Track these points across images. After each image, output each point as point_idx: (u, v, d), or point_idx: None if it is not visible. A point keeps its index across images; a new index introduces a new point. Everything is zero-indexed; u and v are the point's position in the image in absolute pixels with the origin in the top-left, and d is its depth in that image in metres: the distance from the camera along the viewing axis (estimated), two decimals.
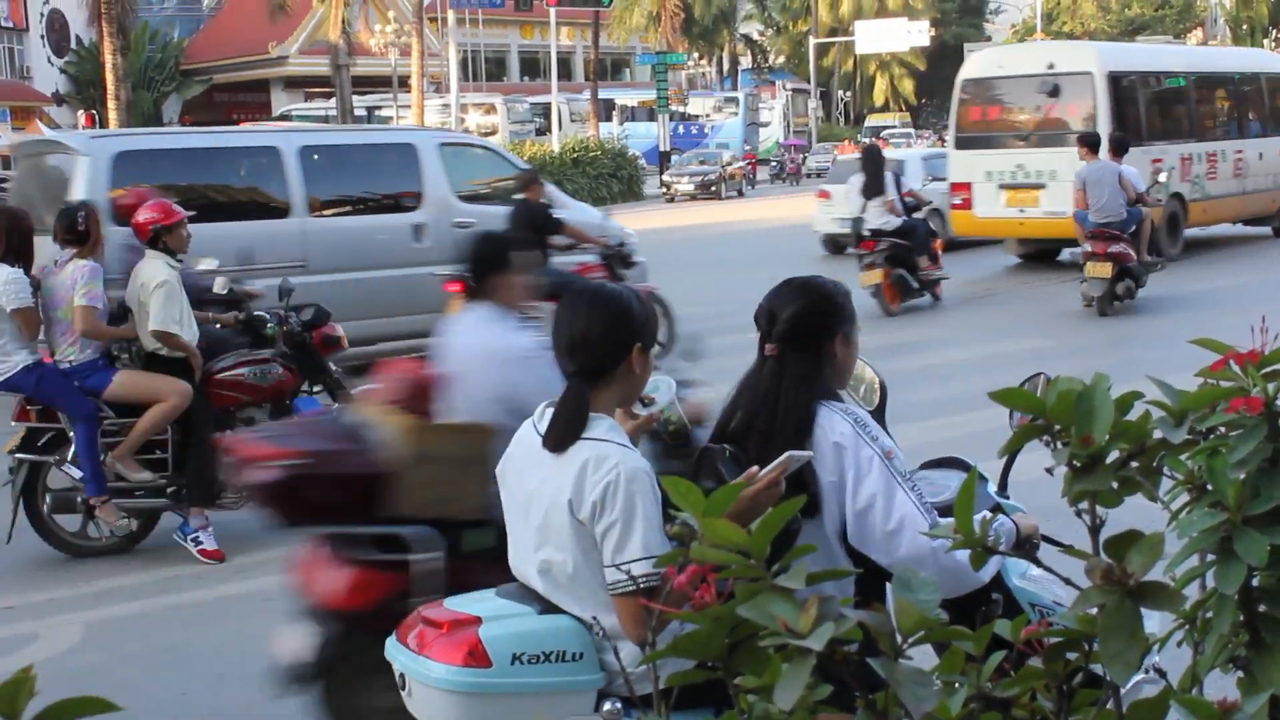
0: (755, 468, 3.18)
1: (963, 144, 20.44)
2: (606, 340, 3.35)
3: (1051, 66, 19.78)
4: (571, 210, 14.51)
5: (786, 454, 3.19)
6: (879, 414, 3.93)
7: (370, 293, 12.86)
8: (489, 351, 4.75)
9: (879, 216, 15.92)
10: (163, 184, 11.22)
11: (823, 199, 23.68)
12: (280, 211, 13.06)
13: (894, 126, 64.72)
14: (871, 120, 69.03)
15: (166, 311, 7.88)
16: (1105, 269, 14.95)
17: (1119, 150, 16.00)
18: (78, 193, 11.50)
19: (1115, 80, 19.46)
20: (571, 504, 3.22)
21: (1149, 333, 14.14)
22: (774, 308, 3.58)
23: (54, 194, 11.82)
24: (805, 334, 3.54)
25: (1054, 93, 19.59)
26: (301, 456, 4.83)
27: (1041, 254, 20.73)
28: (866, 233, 15.98)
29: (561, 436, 3.31)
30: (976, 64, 22.38)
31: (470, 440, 4.54)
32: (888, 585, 3.28)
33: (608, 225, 14.56)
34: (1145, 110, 20.48)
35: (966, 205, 20.04)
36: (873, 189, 16.05)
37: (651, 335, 3.44)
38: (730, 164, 44.44)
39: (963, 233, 20.58)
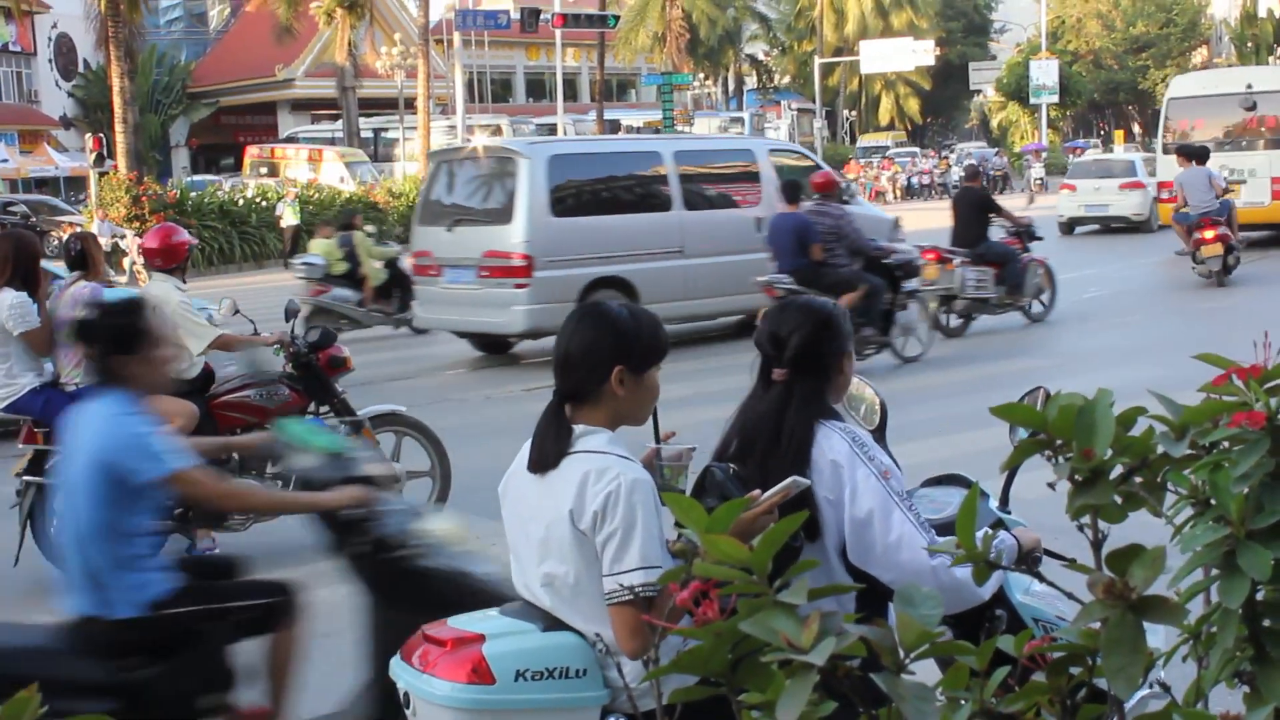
0: (758, 490, 3.20)
1: (1170, 150, 24.43)
2: (585, 362, 3.35)
3: (1250, 86, 24.88)
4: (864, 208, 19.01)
5: (791, 479, 3.21)
6: (879, 433, 3.93)
7: (725, 275, 15.66)
8: None
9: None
10: (583, 179, 15.66)
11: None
12: (663, 206, 15.89)
13: (888, 147, 64.58)
14: (865, 140, 68.36)
15: (199, 325, 8.00)
16: (1217, 248, 18.87)
17: (1202, 158, 19.97)
18: (523, 188, 14.78)
19: None
20: (573, 514, 3.23)
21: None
22: (779, 331, 3.59)
23: (486, 191, 15.72)
24: (815, 356, 3.57)
25: (1252, 107, 24.58)
26: None
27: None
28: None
29: (539, 457, 3.35)
30: (1182, 85, 27.49)
31: None
32: (890, 604, 3.29)
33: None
34: None
35: (1175, 200, 23.05)
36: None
37: (641, 358, 3.39)
38: None
39: (1170, 224, 23.87)
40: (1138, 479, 1.73)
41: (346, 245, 17.66)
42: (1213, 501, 1.70)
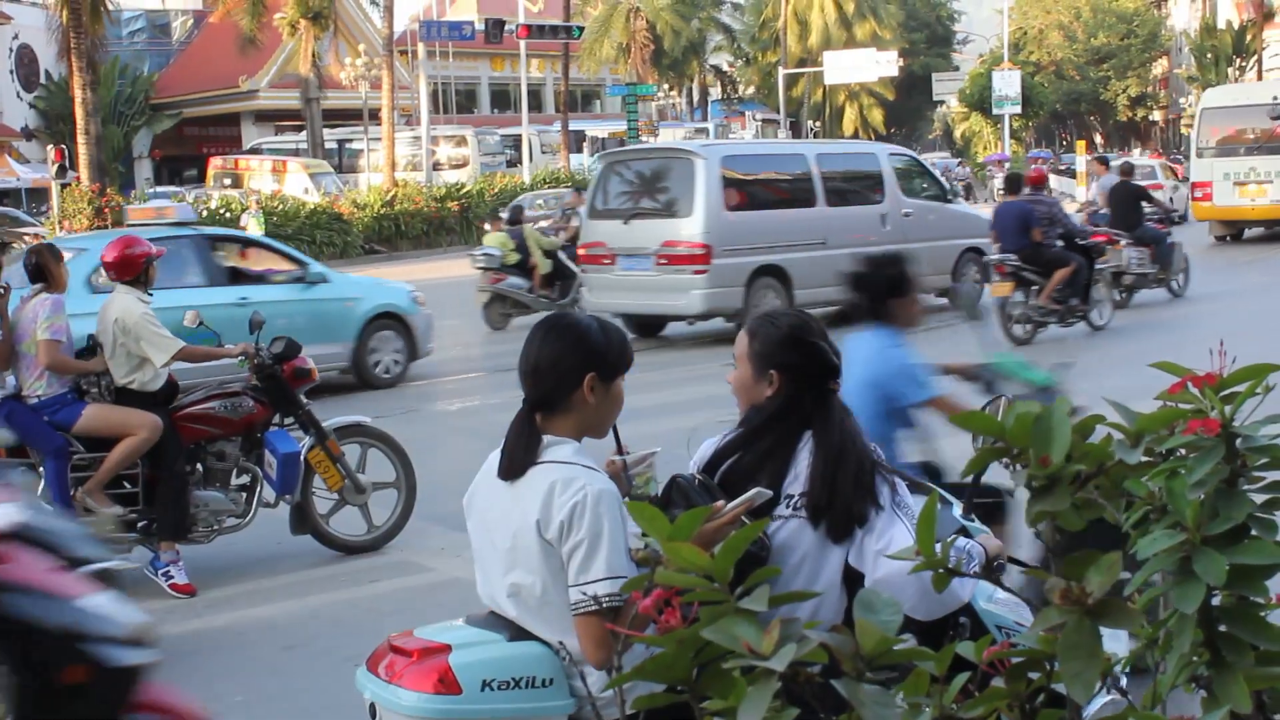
0: (721, 501, 3.22)
1: (1203, 153, 28.48)
2: (555, 370, 3.36)
3: (1276, 98, 27.86)
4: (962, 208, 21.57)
5: (755, 490, 3.24)
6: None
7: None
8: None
9: None
10: (746, 178, 17.64)
11: None
12: (809, 202, 17.71)
13: None
14: None
15: (161, 337, 7.94)
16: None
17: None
18: (700, 184, 16.51)
19: None
20: (539, 524, 3.25)
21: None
22: (822, 352, 3.68)
23: (662, 188, 17.44)
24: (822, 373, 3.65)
25: (1278, 116, 27.56)
26: None
27: (1234, 236, 28.82)
28: None
29: (509, 464, 3.36)
30: (1214, 97, 30.78)
31: None
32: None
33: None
34: None
35: (1207, 198, 28.06)
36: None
37: (611, 366, 3.42)
38: None
39: (1202, 218, 28.47)
40: (1096, 486, 1.75)
41: (517, 238, 19.54)
42: (1169, 508, 1.72)
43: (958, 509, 4.21)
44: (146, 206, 17.06)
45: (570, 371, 3.35)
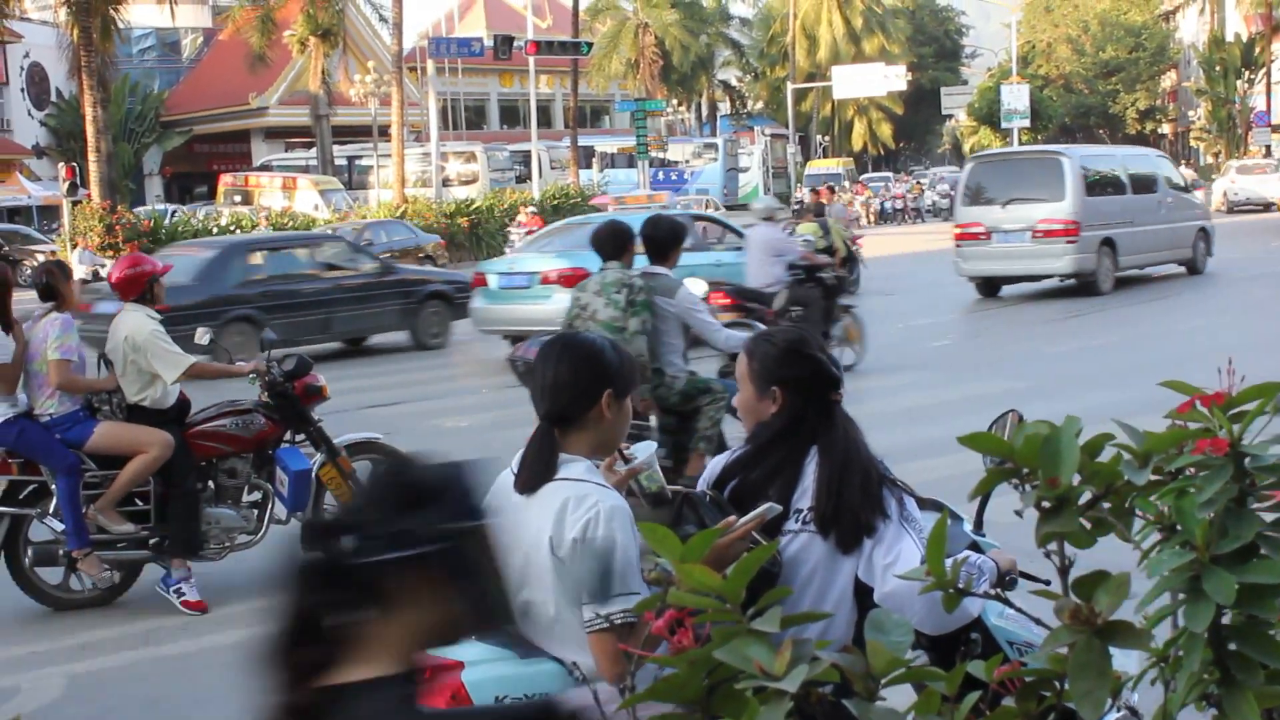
0: (733, 516, 3.23)
1: None
2: (574, 386, 3.39)
3: None
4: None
5: (765, 505, 3.25)
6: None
7: (1156, 238, 23.62)
8: None
9: None
10: (1091, 173, 22.76)
11: None
12: (1122, 191, 23.16)
13: (839, 174, 59.92)
14: (814, 167, 63.00)
15: (172, 354, 7.96)
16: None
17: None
18: (1069, 177, 21.88)
19: None
20: (552, 541, 3.26)
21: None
22: (826, 362, 3.71)
23: (1033, 180, 22.33)
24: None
25: None
26: None
27: None
28: None
29: (529, 479, 3.37)
30: None
31: None
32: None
33: None
34: None
35: None
36: None
37: (625, 383, 3.46)
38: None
39: None
40: (1106, 505, 1.76)
41: (824, 228, 21.87)
42: (1178, 527, 1.72)
43: (968, 524, 4.21)
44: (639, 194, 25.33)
45: (590, 388, 3.38)
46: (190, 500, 8.00)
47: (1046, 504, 1.69)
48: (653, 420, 8.09)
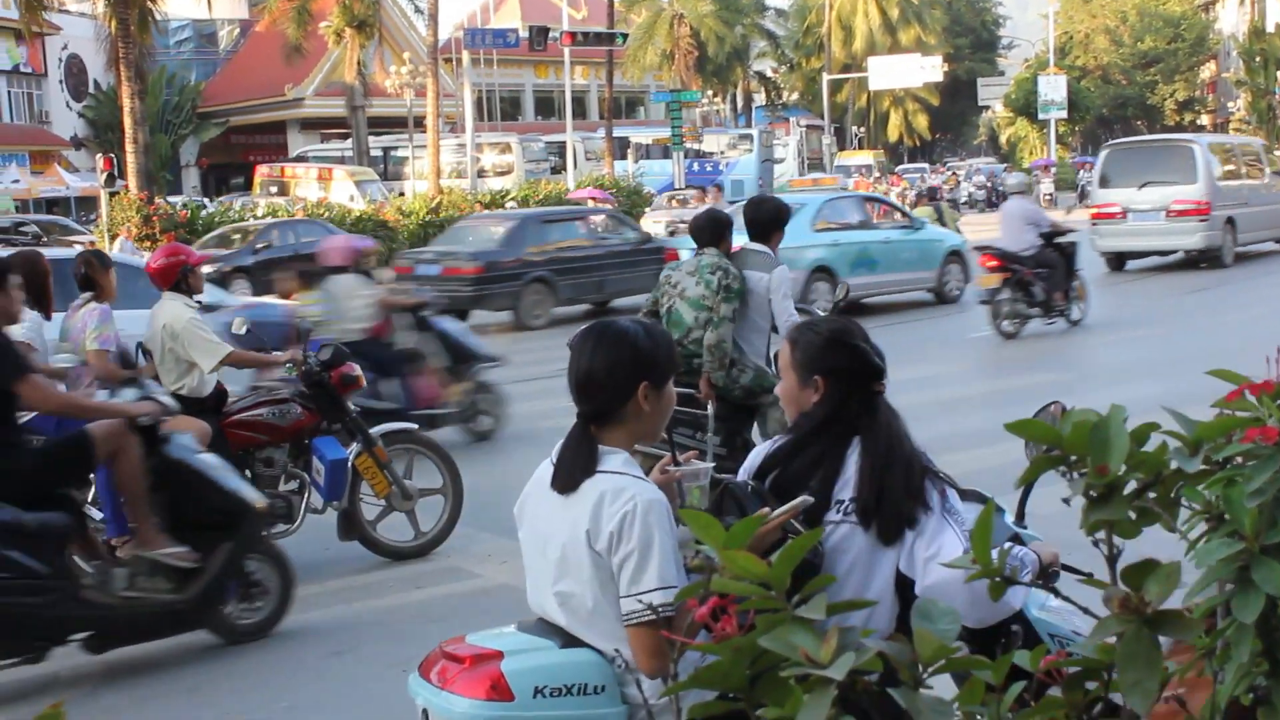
0: (767, 508, 3.22)
1: None
2: (610, 381, 3.35)
3: None
4: None
5: (800, 498, 3.24)
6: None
7: (1255, 219, 26.07)
8: None
9: None
10: (1216, 157, 25.60)
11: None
12: (1238, 176, 25.97)
13: (870, 165, 59.61)
14: (842, 158, 62.52)
15: (209, 343, 8.01)
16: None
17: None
18: (1200, 162, 24.54)
19: None
20: (589, 535, 3.23)
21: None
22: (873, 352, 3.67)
23: (1166, 165, 24.97)
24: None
25: None
26: None
27: None
28: None
29: (567, 478, 3.34)
30: None
31: None
32: None
33: None
34: None
35: None
36: None
37: (663, 370, 3.40)
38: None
39: None
40: (1152, 494, 1.74)
41: (938, 212, 24.05)
42: (1226, 517, 1.70)
43: (1010, 516, 4.19)
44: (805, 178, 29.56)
45: (625, 381, 3.34)
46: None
47: (1094, 492, 1.68)
48: (710, 408, 8.03)
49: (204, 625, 6.97)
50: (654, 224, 33.93)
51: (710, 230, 8.31)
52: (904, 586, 3.42)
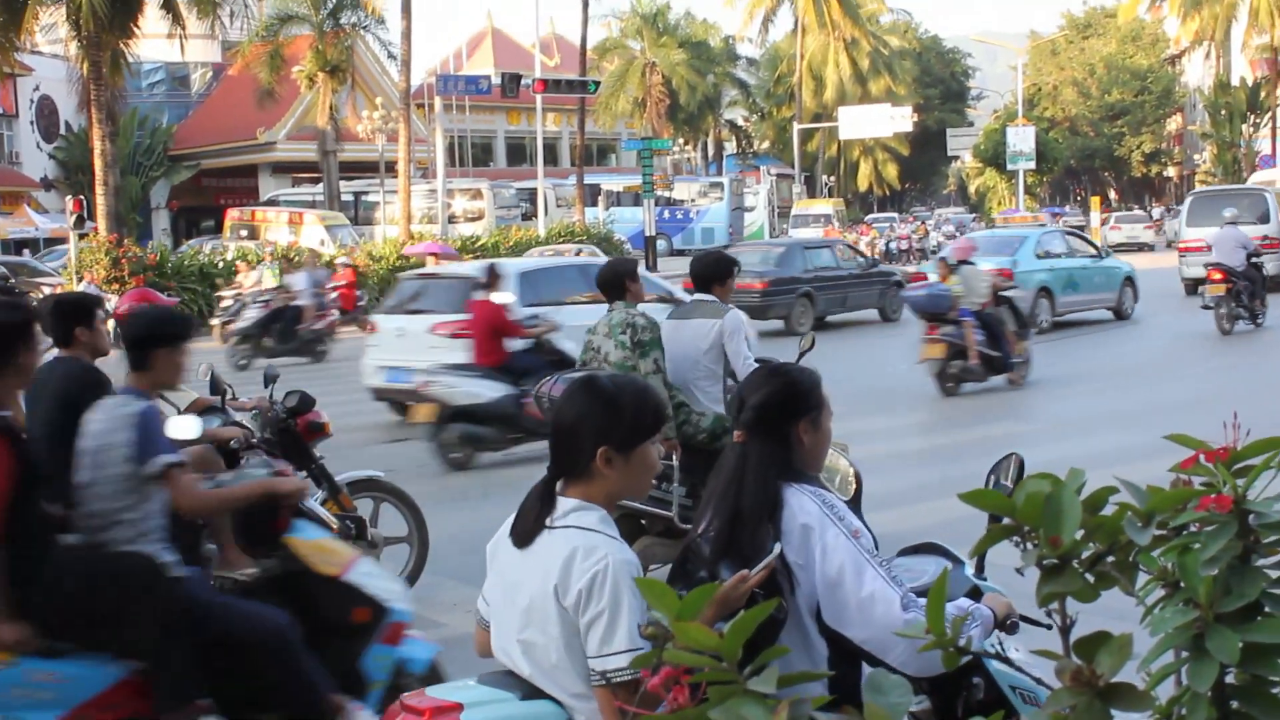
0: (746, 570, 3.20)
1: None
2: (570, 441, 3.32)
3: None
4: None
5: (777, 548, 3.24)
6: (855, 503, 3.97)
7: None
8: None
9: None
10: None
11: None
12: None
13: (829, 215, 57.67)
14: (800, 208, 60.57)
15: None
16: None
17: None
18: (1273, 206, 30.43)
19: None
20: (558, 590, 3.21)
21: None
22: (744, 395, 3.68)
23: (1246, 208, 29.56)
24: (769, 420, 3.61)
25: None
26: None
27: None
28: None
29: (520, 531, 3.35)
30: None
31: None
32: (863, 663, 3.32)
33: None
34: None
35: None
36: None
37: (627, 436, 3.32)
38: None
39: None
40: (1109, 559, 1.74)
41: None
42: (1182, 584, 1.71)
43: (969, 568, 4.19)
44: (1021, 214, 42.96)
45: (583, 445, 3.29)
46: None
47: (1047, 563, 1.68)
48: (674, 459, 8.00)
49: None
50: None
51: (613, 283, 8.34)
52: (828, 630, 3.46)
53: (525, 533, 3.32)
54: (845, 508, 3.56)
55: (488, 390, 12.63)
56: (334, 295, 26.49)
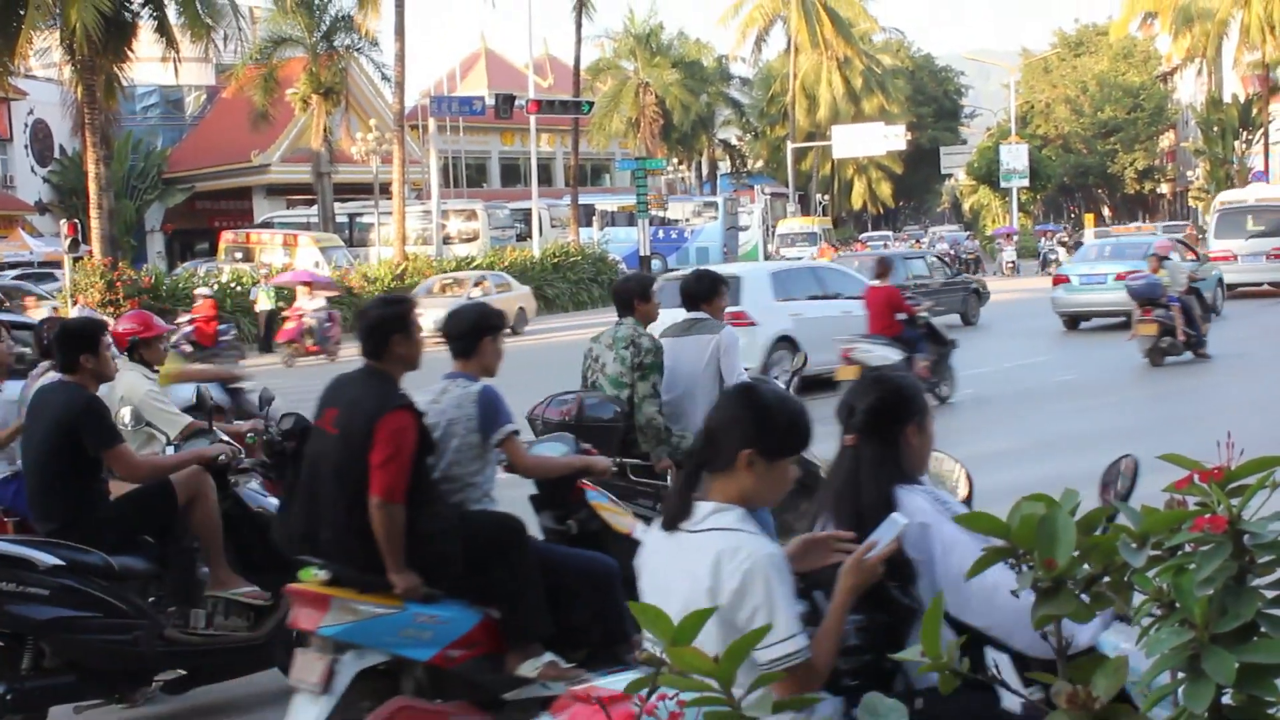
0: (872, 538, 3.37)
1: None
2: (718, 437, 3.48)
3: None
4: None
5: (902, 520, 3.40)
6: (968, 502, 4.10)
7: None
8: None
9: None
10: None
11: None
12: None
13: (815, 234, 57.48)
14: (784, 226, 60.60)
15: (168, 414, 7.91)
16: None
17: None
18: None
19: None
20: (710, 592, 3.30)
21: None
22: (852, 401, 3.81)
23: (1269, 221, 33.47)
24: (880, 423, 3.74)
25: None
26: None
27: None
28: None
29: (667, 515, 3.51)
30: None
31: None
32: (986, 648, 3.44)
33: None
34: None
35: None
36: None
37: (776, 445, 3.47)
38: None
39: None
40: (1106, 579, 1.74)
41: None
42: (1177, 605, 1.70)
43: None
44: (1130, 226, 48.80)
45: (730, 443, 3.44)
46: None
47: (1042, 585, 1.67)
48: (669, 479, 7.99)
49: (278, 663, 6.94)
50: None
51: (623, 300, 8.35)
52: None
53: (669, 518, 3.49)
54: (957, 502, 3.72)
55: (894, 354, 15.25)
56: (190, 329, 24.81)
